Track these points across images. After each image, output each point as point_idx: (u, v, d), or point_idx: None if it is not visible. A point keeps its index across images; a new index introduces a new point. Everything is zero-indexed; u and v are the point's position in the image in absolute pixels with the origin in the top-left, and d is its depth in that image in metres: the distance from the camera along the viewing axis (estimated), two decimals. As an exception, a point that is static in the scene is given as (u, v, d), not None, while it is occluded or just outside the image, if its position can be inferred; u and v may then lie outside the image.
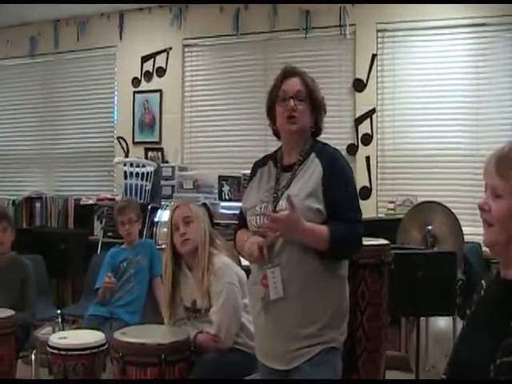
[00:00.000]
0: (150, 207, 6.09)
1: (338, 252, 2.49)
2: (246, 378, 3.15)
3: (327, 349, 2.48)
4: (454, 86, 5.86)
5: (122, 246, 4.81)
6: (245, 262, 3.36)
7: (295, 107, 2.59)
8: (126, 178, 6.43)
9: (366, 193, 5.95)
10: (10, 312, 3.89)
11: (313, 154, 2.60)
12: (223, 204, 6.14)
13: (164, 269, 3.54)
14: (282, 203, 2.51)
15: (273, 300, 2.49)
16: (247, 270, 3.25)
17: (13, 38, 7.67)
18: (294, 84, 2.64)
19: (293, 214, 2.37)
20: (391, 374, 4.10)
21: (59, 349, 3.55)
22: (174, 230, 3.48)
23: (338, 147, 2.76)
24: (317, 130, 2.72)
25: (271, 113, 2.74)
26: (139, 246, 4.78)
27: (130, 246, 4.76)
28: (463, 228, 4.75)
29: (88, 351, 3.56)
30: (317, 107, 2.66)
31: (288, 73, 2.69)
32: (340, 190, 2.49)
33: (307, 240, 2.43)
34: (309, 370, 2.46)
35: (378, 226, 4.88)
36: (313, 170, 2.54)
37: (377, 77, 6.09)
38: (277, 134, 2.77)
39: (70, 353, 3.53)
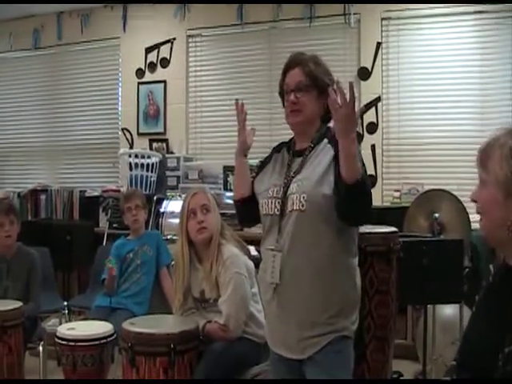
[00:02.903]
0: (155, 198, 6.08)
1: (359, 197, 2.32)
2: (255, 367, 3.17)
3: (339, 337, 2.47)
4: (459, 73, 5.86)
5: (128, 237, 4.81)
6: (253, 252, 3.37)
7: (296, 100, 2.59)
8: (130, 169, 6.43)
9: (372, 181, 5.91)
10: (17, 303, 3.89)
11: (325, 140, 2.57)
12: (228, 194, 6.13)
13: (178, 256, 3.50)
14: (293, 187, 2.51)
15: (281, 287, 2.49)
16: (255, 260, 3.26)
17: (16, 30, 7.68)
18: (294, 76, 2.63)
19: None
20: (398, 363, 4.09)
21: (68, 340, 3.55)
22: (191, 216, 3.45)
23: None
24: (329, 115, 2.63)
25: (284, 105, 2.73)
26: (145, 236, 4.78)
27: (136, 235, 4.76)
28: (470, 216, 4.74)
29: (97, 342, 3.56)
30: (324, 92, 2.56)
31: (290, 64, 2.67)
32: None
33: (353, 150, 2.25)
34: (321, 361, 2.45)
35: (384, 215, 4.87)
36: (324, 155, 2.51)
37: (381, 65, 6.09)
38: None
39: (78, 344, 3.53)
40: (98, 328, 3.73)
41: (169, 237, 5.23)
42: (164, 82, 6.99)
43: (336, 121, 2.26)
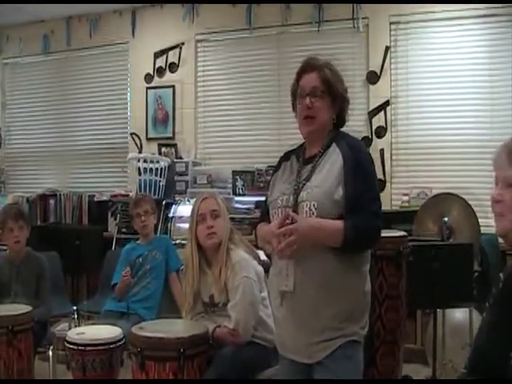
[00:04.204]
0: (164, 203, 6.09)
1: (354, 246, 2.44)
2: (265, 371, 3.17)
3: (348, 342, 2.46)
4: (468, 76, 5.83)
5: (138, 242, 4.82)
6: (263, 257, 3.36)
7: (311, 105, 2.57)
8: (139, 174, 6.44)
9: (380, 185, 5.90)
10: (27, 308, 3.90)
11: (334, 145, 2.56)
12: (237, 199, 6.14)
13: (187, 260, 3.50)
14: (303, 194, 2.50)
15: (290, 293, 2.49)
16: (265, 265, 3.26)
17: (26, 35, 7.72)
18: (310, 80, 2.61)
19: (294, 225, 2.38)
20: (407, 367, 4.08)
21: (77, 344, 3.55)
22: (200, 221, 3.45)
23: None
24: (340, 121, 2.69)
25: (295, 107, 2.72)
26: (155, 241, 4.79)
27: (146, 240, 4.77)
28: (479, 219, 4.73)
29: (106, 346, 3.57)
30: (338, 100, 2.62)
31: (306, 67, 2.66)
32: (358, 181, 2.44)
33: (321, 240, 2.42)
34: (331, 366, 2.44)
35: (393, 219, 4.86)
36: (334, 161, 2.50)
37: (390, 69, 6.08)
38: None
39: (88, 348, 3.53)
40: (107, 332, 3.74)
41: (178, 241, 5.24)
42: (173, 86, 7.00)
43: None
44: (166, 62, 7.01)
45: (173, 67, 6.99)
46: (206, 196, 3.57)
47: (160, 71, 7.05)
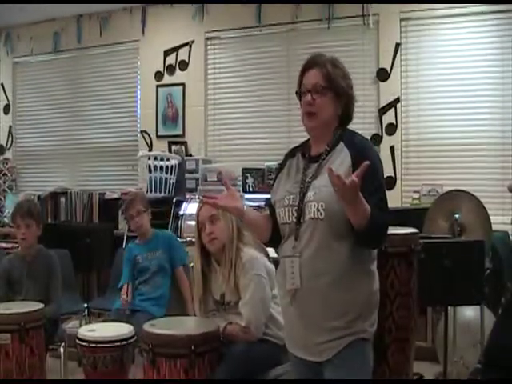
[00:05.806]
0: (174, 200, 6.09)
1: (371, 233, 2.35)
2: (277, 368, 3.18)
3: (357, 340, 2.45)
4: (479, 73, 5.82)
5: (136, 242, 4.81)
6: (273, 254, 3.36)
7: (312, 101, 2.55)
8: (150, 171, 6.47)
9: (391, 183, 5.91)
10: (39, 305, 3.92)
11: (341, 144, 2.52)
12: (247, 196, 6.14)
13: (194, 264, 3.54)
14: (310, 194, 2.47)
15: (298, 292, 2.48)
16: (275, 262, 3.26)
17: (36, 34, 7.77)
18: (311, 77, 2.59)
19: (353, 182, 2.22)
20: (418, 365, 4.06)
21: (89, 341, 3.59)
22: (202, 229, 3.45)
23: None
24: (345, 118, 2.64)
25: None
26: (155, 238, 4.77)
27: (144, 239, 4.75)
28: (490, 217, 4.71)
29: (117, 343, 3.60)
30: (342, 96, 2.58)
31: (308, 64, 2.64)
32: (368, 181, 2.34)
33: (358, 206, 2.29)
34: (340, 364, 2.44)
35: (404, 216, 4.83)
36: (342, 160, 2.46)
37: (401, 66, 6.07)
38: None
39: (99, 345, 3.56)
40: (118, 329, 3.76)
41: (188, 239, 5.23)
42: (183, 84, 7.02)
43: (337, 195, 2.27)
44: (176, 59, 7.05)
45: (183, 65, 7.02)
46: (203, 202, 3.56)
47: (170, 69, 7.07)
